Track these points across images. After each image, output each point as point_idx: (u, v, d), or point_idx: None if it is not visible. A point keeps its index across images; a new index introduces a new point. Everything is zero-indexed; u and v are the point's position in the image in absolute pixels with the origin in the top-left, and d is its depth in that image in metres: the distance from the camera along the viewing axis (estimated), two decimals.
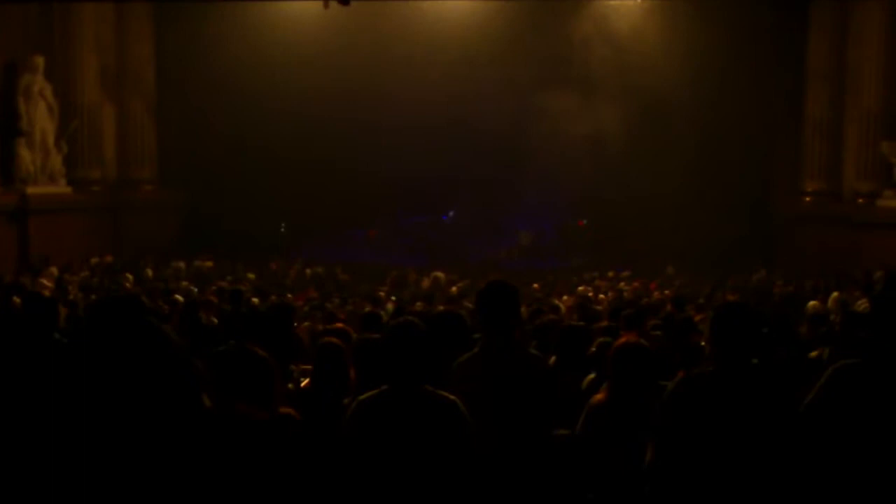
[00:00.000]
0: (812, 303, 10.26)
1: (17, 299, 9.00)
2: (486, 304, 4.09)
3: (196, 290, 12.14)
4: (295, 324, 7.79)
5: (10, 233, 15.29)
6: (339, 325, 6.57)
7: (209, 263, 16.55)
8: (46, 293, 11.40)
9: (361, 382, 4.51)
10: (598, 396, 4.31)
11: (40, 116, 16.45)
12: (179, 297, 10.44)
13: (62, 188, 16.83)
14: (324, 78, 17.97)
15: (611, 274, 15.79)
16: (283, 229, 19.21)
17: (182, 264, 16.18)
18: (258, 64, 18.03)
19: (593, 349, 5.62)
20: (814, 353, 5.96)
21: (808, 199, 18.27)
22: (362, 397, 3.75)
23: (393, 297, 11.84)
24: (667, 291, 12.90)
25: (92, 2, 16.18)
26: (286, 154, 18.53)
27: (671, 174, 17.65)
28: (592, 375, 5.07)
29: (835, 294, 11.47)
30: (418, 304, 10.31)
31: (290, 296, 11.67)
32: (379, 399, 3.69)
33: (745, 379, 3.46)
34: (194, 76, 18.38)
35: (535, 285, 14.03)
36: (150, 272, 15.13)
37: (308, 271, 16.32)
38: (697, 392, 3.49)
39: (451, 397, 3.74)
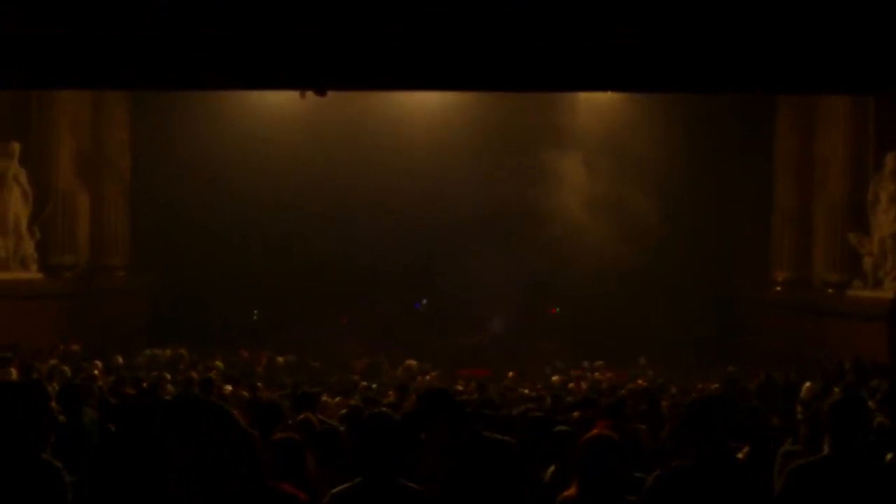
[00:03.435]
0: (807, 384, 10.26)
1: None
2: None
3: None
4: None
5: None
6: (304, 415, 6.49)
7: (183, 351, 16.34)
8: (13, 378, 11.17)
9: (328, 473, 4.44)
10: (569, 492, 4.25)
11: (14, 202, 16.44)
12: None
13: (34, 274, 16.68)
14: (297, 167, 18.28)
15: (585, 364, 15.78)
16: (255, 316, 19.10)
17: (158, 351, 15.95)
18: (231, 153, 18.25)
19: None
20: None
21: (777, 287, 18.49)
22: (336, 490, 3.72)
23: (371, 385, 11.74)
24: (640, 381, 12.88)
25: (69, 89, 16.35)
26: (258, 242, 18.62)
27: (637, 265, 17.85)
28: (553, 468, 4.99)
29: (807, 384, 11.51)
30: (390, 393, 10.21)
31: (260, 384, 11.50)
32: (353, 492, 3.65)
33: (726, 473, 3.44)
34: (169, 162, 18.52)
35: (511, 373, 13.98)
36: (119, 359, 14.88)
37: (280, 359, 16.15)
38: (678, 487, 3.46)
39: (422, 489, 3.71)
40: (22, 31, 5.39)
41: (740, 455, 5.44)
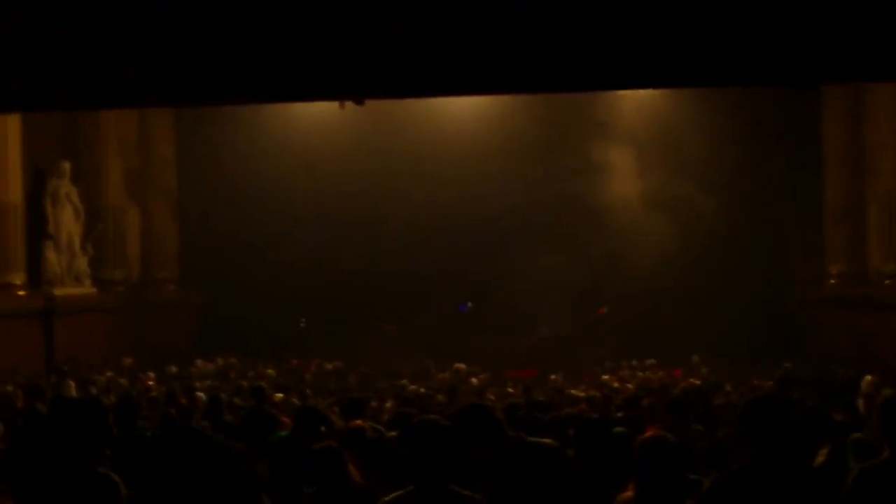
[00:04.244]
0: (867, 378, 10.02)
1: (40, 405, 8.94)
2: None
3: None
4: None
5: (37, 334, 15.40)
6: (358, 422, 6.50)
7: (233, 360, 16.55)
8: (72, 393, 11.42)
9: (377, 481, 4.42)
10: (625, 495, 4.19)
11: (67, 220, 16.85)
12: (202, 395, 10.44)
13: (87, 289, 17.06)
14: (338, 177, 18.49)
15: (634, 362, 15.59)
16: (302, 324, 19.23)
17: (209, 365, 16.16)
18: (271, 165, 18.55)
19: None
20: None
21: (832, 281, 18.09)
22: (387, 499, 3.71)
23: (421, 389, 11.74)
24: (694, 380, 12.68)
25: (115, 109, 16.69)
26: (302, 251, 18.76)
27: (689, 261, 17.62)
28: (607, 470, 4.91)
29: (868, 378, 11.21)
30: (439, 396, 10.20)
31: (309, 392, 11.56)
32: (406, 500, 3.64)
33: (785, 474, 3.35)
34: (213, 177, 18.86)
35: (553, 377, 13.89)
36: (173, 370, 15.14)
37: (328, 366, 16.27)
38: (735, 489, 3.37)
39: (477, 497, 3.68)
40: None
41: (821, 456, 5.31)
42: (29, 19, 5.37)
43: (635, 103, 18.30)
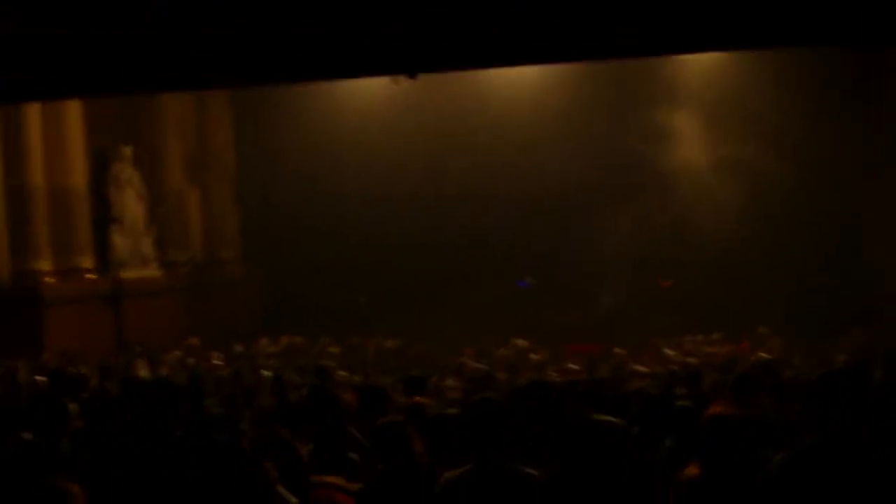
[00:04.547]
0: None
1: (111, 385, 9.17)
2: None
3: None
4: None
5: (106, 317, 15.79)
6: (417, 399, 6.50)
7: (297, 339, 16.75)
8: (142, 373, 11.70)
9: (440, 457, 4.40)
10: (689, 471, 4.09)
11: (130, 203, 17.20)
12: (267, 374, 10.62)
13: (153, 271, 17.43)
14: (394, 152, 18.36)
15: (700, 336, 15.25)
16: (362, 302, 19.33)
17: (273, 345, 16.39)
18: (327, 142, 18.53)
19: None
20: None
21: None
22: (448, 475, 3.70)
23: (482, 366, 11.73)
24: (762, 353, 12.38)
25: (172, 92, 16.93)
26: (360, 228, 18.79)
27: (759, 228, 17.13)
28: (669, 443, 4.81)
29: None
30: (500, 373, 10.16)
31: (370, 370, 11.64)
32: (466, 477, 3.62)
33: (858, 453, 3.21)
34: (270, 156, 19.00)
35: (617, 349, 13.68)
36: (238, 349, 15.38)
37: (389, 344, 16.35)
38: (806, 466, 3.25)
39: (538, 475, 3.65)
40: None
41: None
42: None
43: (701, 66, 17.80)
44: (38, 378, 9.90)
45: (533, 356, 13.04)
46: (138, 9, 5.24)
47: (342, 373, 10.78)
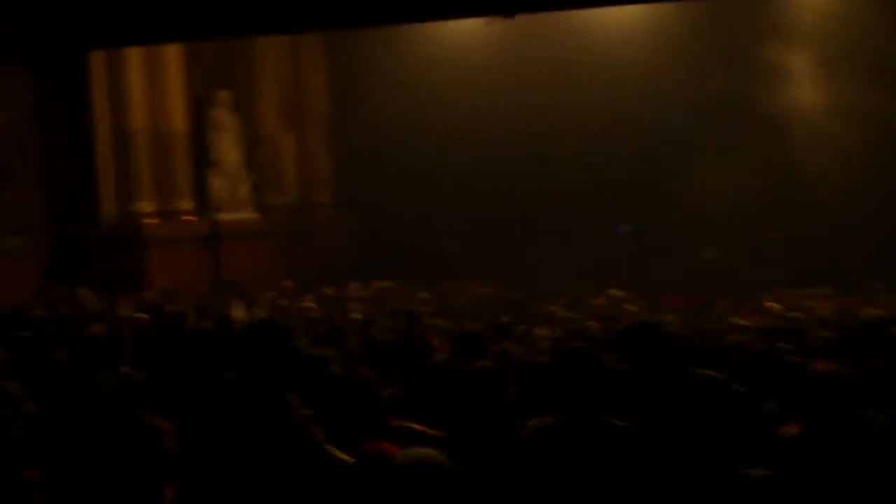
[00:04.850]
0: None
1: (207, 324, 9.38)
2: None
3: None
4: None
5: (204, 257, 16.21)
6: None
7: (387, 284, 16.86)
8: (237, 314, 11.98)
9: (524, 404, 4.31)
10: (788, 428, 3.87)
11: (227, 147, 17.53)
12: (357, 317, 10.74)
13: (249, 214, 17.77)
14: (486, 95, 17.96)
15: (806, 291, 14.55)
16: (452, 248, 19.26)
17: (364, 289, 16.54)
18: (420, 85, 18.28)
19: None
20: None
21: None
22: (534, 423, 3.61)
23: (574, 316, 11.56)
24: (873, 309, 11.76)
25: (267, 35, 17.03)
26: (453, 172, 18.63)
27: (873, 182, 16.11)
28: (774, 404, 4.58)
29: None
30: (592, 323, 9.96)
31: (461, 316, 11.60)
32: (554, 428, 3.52)
33: None
34: (364, 101, 18.92)
35: (717, 304, 13.23)
36: (330, 292, 15.58)
37: (481, 290, 16.29)
38: None
39: (631, 428, 3.52)
40: None
41: None
42: None
43: (812, 2, 16.82)
44: (139, 315, 10.22)
45: (628, 307, 12.75)
46: None
47: (433, 319, 10.77)
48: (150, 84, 15.87)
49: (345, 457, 3.33)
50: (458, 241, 19.22)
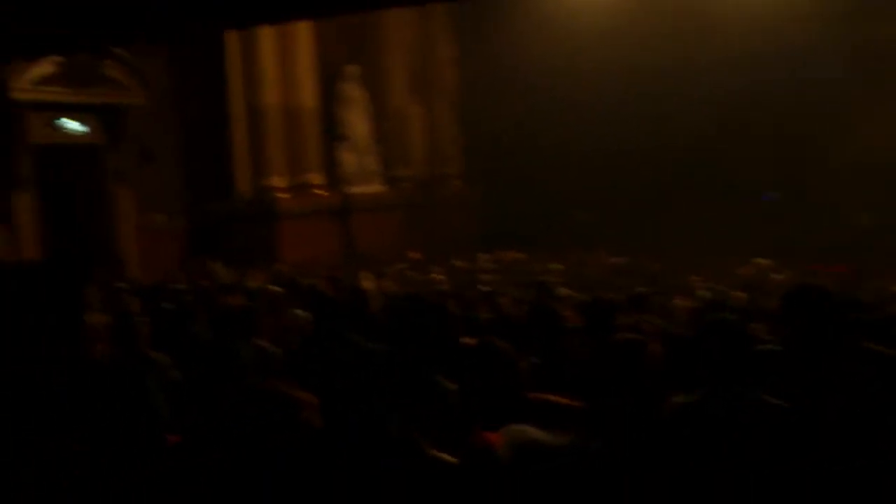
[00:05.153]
0: None
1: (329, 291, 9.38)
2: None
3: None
4: None
5: (335, 230, 16.44)
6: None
7: (517, 255, 16.66)
8: (368, 285, 12.05)
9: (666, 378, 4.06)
10: None
11: (357, 121, 17.70)
12: (485, 289, 10.57)
13: (378, 187, 17.90)
14: (614, 60, 17.37)
15: None
16: (580, 217, 18.78)
17: (491, 261, 16.40)
18: (549, 53, 17.89)
19: None
20: None
21: None
22: (678, 399, 3.36)
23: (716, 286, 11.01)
24: None
25: (397, 7, 17.00)
26: (584, 140, 18.13)
27: None
28: None
29: None
30: (737, 293, 9.42)
31: (594, 287, 11.24)
32: (698, 402, 3.24)
33: None
34: (493, 71, 18.70)
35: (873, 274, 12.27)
36: (460, 263, 15.52)
37: (614, 261, 15.85)
38: None
39: (784, 405, 3.18)
40: None
41: None
42: None
43: None
44: (272, 287, 10.38)
45: (775, 276, 12.03)
46: None
47: (564, 290, 10.47)
48: (281, 61, 16.17)
49: (451, 460, 3.14)
50: (590, 211, 18.75)
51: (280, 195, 15.96)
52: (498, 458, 2.81)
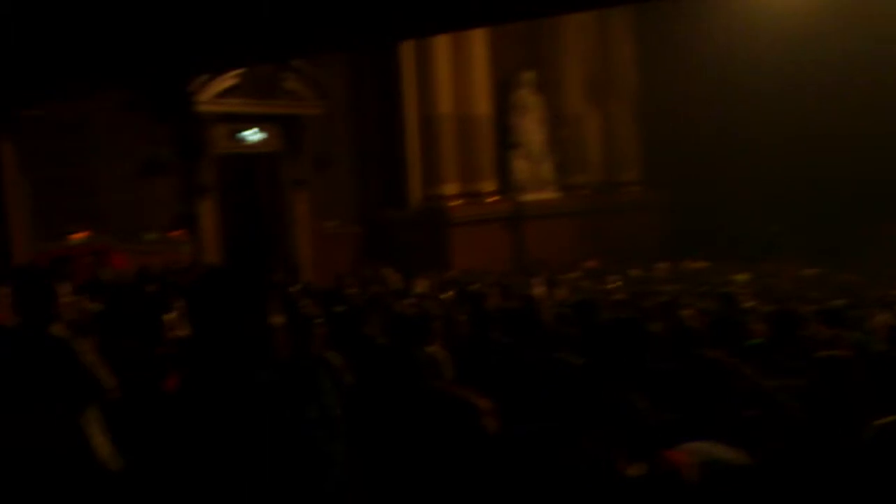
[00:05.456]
0: None
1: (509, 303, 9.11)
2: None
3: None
4: None
5: (507, 237, 16.24)
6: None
7: (699, 265, 15.88)
8: (539, 293, 11.72)
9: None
10: None
11: (531, 128, 17.49)
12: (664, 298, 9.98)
13: (552, 194, 17.59)
14: (817, 61, 16.06)
15: None
16: (774, 230, 17.57)
17: (672, 270, 15.68)
18: (739, 50, 16.86)
19: None
20: None
21: None
22: (882, 421, 2.83)
23: None
24: None
25: (575, 12, 16.61)
26: (775, 143, 16.95)
27: None
28: None
29: None
30: None
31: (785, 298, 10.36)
32: None
33: None
34: (675, 71, 17.86)
35: None
36: (637, 272, 14.94)
37: (808, 272, 14.74)
38: None
39: None
40: None
41: None
42: None
43: None
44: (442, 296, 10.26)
45: None
46: None
47: (750, 302, 9.73)
48: (455, 70, 16.18)
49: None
50: (778, 225, 17.52)
51: (452, 202, 15.95)
52: (683, 479, 2.57)
